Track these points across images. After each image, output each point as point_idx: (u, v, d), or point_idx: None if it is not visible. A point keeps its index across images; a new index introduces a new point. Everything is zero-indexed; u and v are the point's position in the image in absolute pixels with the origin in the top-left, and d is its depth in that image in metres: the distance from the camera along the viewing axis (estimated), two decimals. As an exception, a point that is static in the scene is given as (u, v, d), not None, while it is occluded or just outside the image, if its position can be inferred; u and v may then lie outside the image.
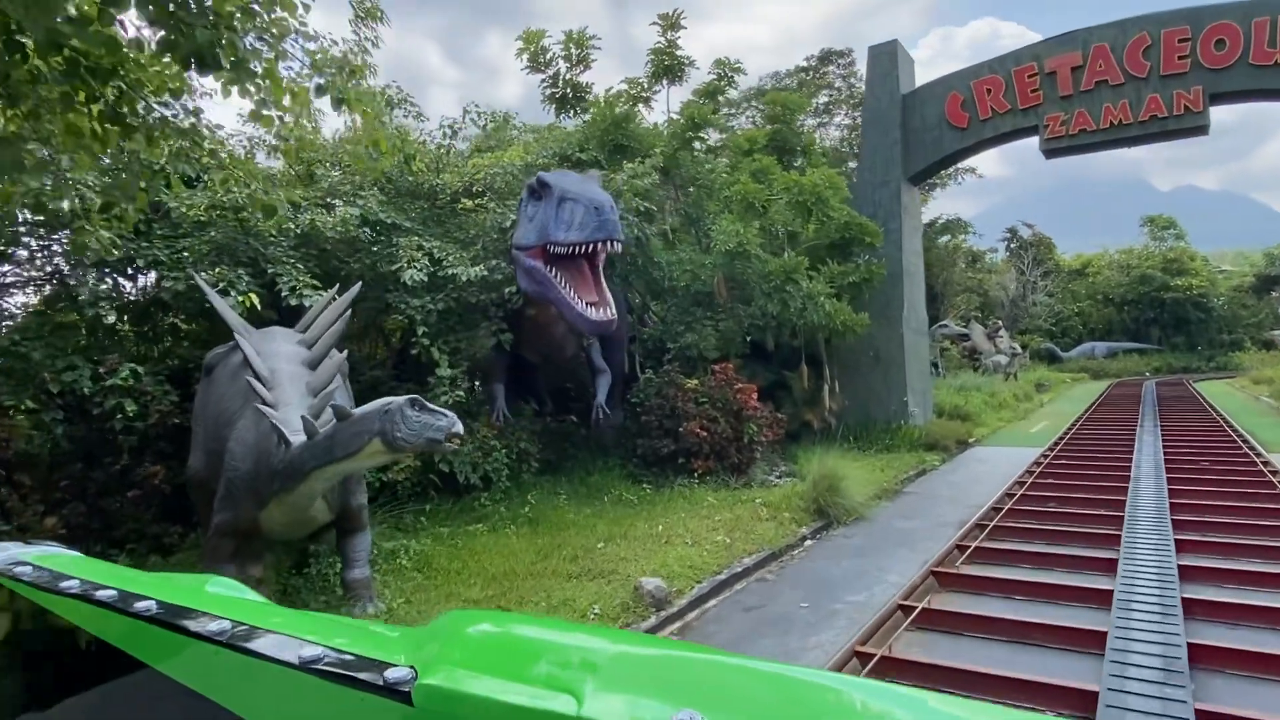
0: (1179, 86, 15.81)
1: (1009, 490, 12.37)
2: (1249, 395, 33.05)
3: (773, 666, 0.90)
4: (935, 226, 36.98)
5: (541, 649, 1.02)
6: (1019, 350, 38.85)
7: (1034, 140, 17.51)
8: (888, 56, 18.84)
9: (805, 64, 36.44)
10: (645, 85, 16.64)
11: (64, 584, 1.31)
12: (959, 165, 36.33)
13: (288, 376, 6.95)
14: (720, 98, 17.92)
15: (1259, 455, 14.76)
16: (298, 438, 5.95)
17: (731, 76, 17.92)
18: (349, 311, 7.75)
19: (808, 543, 10.34)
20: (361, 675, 0.92)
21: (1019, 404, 29.73)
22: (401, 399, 5.69)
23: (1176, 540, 8.75)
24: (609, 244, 9.23)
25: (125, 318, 10.11)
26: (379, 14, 13.53)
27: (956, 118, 18.17)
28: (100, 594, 1.24)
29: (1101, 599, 7.05)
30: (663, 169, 14.85)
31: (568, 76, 15.37)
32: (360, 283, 8.33)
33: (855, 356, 18.93)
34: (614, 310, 9.87)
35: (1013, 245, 59.60)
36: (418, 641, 1.03)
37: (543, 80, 15.70)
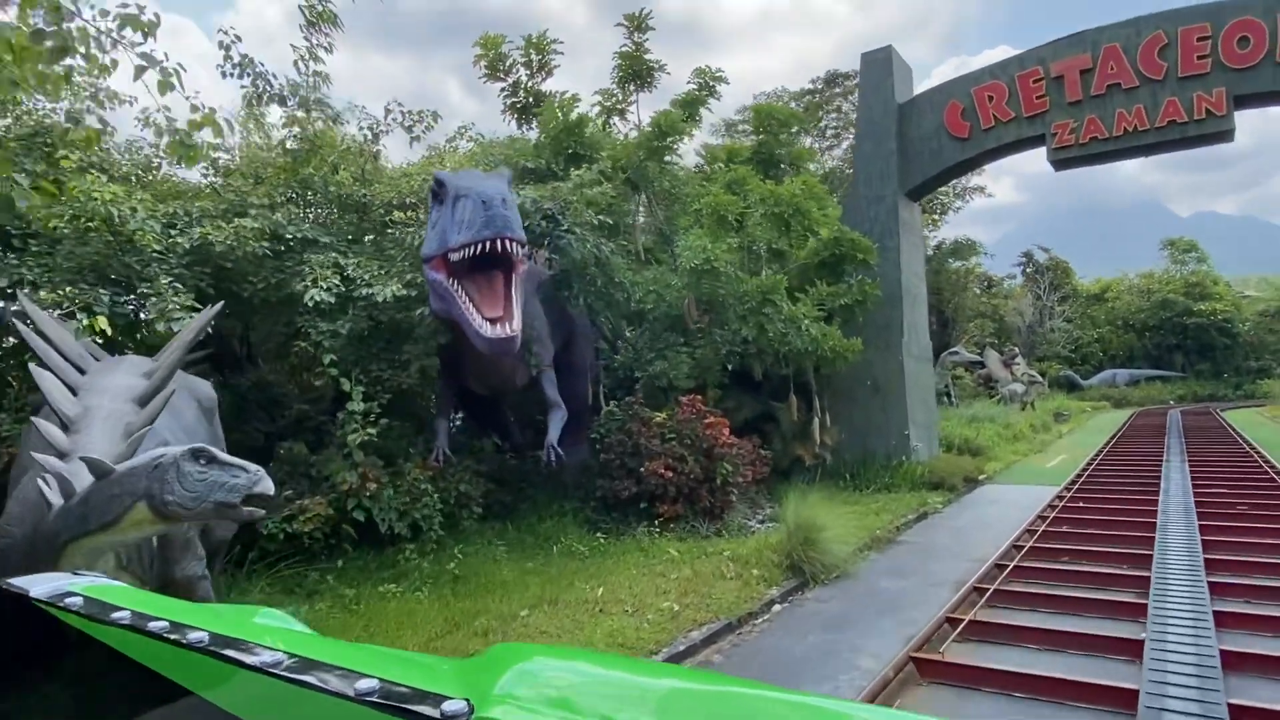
0: (1200, 89, 14.37)
1: (1017, 540, 10.78)
2: (1279, 424, 31.08)
3: (834, 704, 0.99)
4: (944, 249, 35.49)
5: (598, 684, 1.06)
6: (1037, 378, 37.07)
7: (1043, 157, 16.09)
8: (881, 63, 17.56)
9: (811, 86, 35.41)
10: (619, 96, 15.45)
11: (115, 614, 1.32)
12: (966, 183, 34.98)
13: (103, 416, 5.59)
14: (703, 109, 16.68)
15: (1304, 496, 13.07)
16: (57, 500, 4.59)
17: (713, 87, 16.68)
18: (198, 336, 6.42)
19: (775, 608, 8.79)
20: (418, 708, 0.93)
21: (1036, 435, 27.94)
22: (178, 449, 4.31)
23: (1215, 613, 7.14)
24: (501, 244, 7.84)
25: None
26: (332, 16, 12.42)
27: (957, 127, 16.80)
28: (152, 624, 1.26)
29: (1124, 701, 5.48)
30: (630, 181, 13.58)
31: (529, 84, 14.19)
32: (221, 303, 6.99)
33: (852, 386, 17.41)
34: (516, 326, 8.48)
35: (1028, 270, 57.86)
36: (470, 674, 1.10)
37: (503, 89, 14.54)
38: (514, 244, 8.02)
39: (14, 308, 6.94)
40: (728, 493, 12.33)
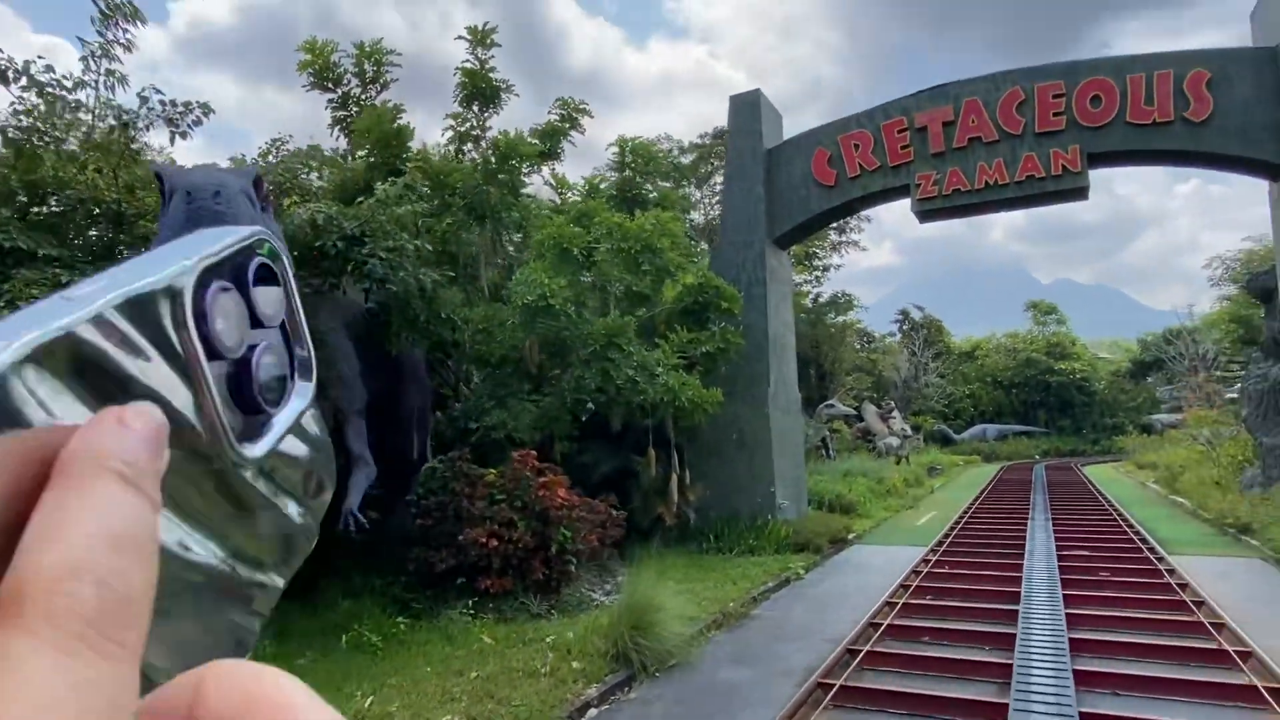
0: (1056, 145, 14.40)
1: (874, 618, 9.70)
2: (1136, 481, 32.34)
3: None
4: (822, 303, 35.74)
5: None
6: (909, 432, 37.47)
7: (925, 226, 15.80)
8: (750, 107, 17.04)
9: (700, 141, 35.26)
10: (474, 122, 14.08)
11: None
12: (843, 237, 35.46)
13: None
14: (565, 140, 15.56)
15: (1160, 559, 12.75)
16: None
17: (576, 119, 15.62)
18: None
19: (590, 714, 7.25)
20: None
21: (909, 490, 27.82)
22: None
23: (1082, 715, 6.12)
24: None
25: None
26: (133, 10, 10.55)
27: (824, 175, 16.35)
28: None
29: None
30: (472, 210, 12.15)
31: (361, 97, 12.65)
32: None
33: (718, 439, 16.33)
34: None
35: (905, 327, 59.85)
36: None
37: (330, 101, 12.92)
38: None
39: None
40: (566, 562, 10.77)
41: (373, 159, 10.50)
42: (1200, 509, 18.83)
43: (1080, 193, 14.68)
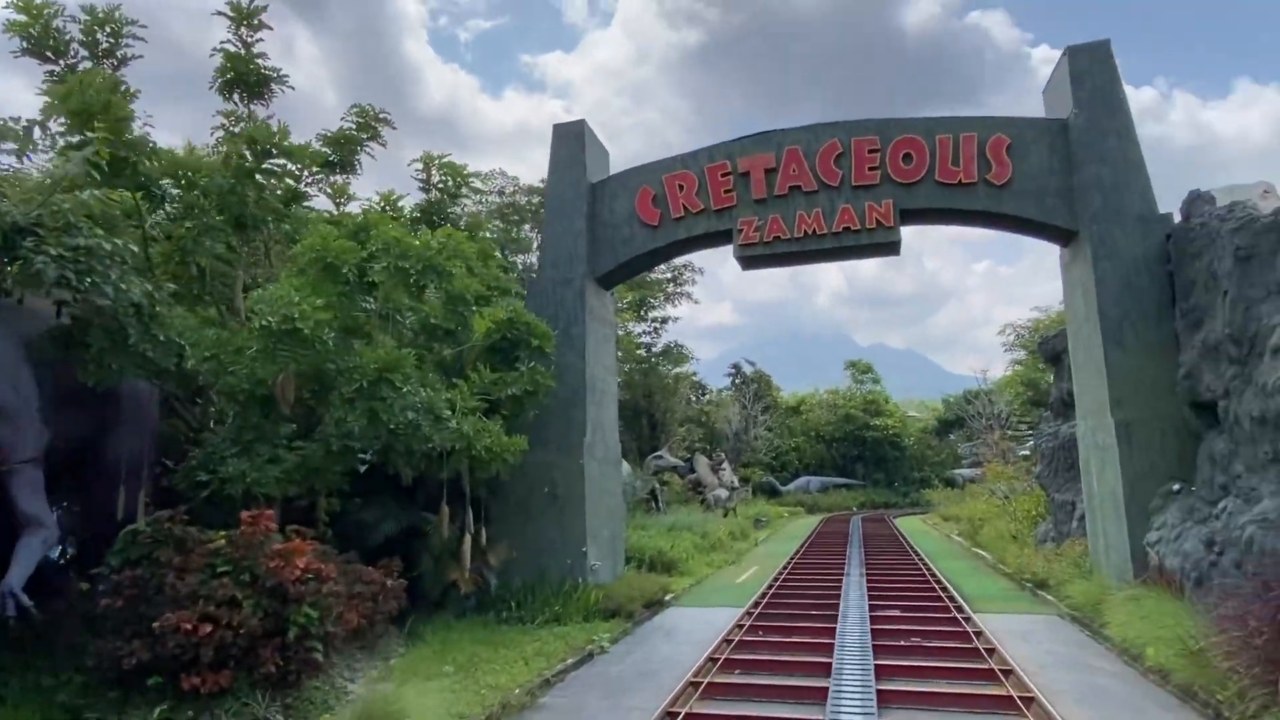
0: (871, 199, 14.43)
1: (674, 704, 8.41)
2: (942, 534, 33.93)
3: None
4: (655, 353, 35.40)
5: None
6: (736, 484, 37.53)
7: (760, 289, 15.33)
8: (574, 138, 16.07)
9: (542, 184, 34.14)
10: (244, 114, 11.94)
11: None
12: (680, 286, 35.47)
13: None
14: (364, 151, 13.76)
15: (967, 619, 12.50)
16: None
17: (376, 129, 13.90)
18: None
19: None
20: None
21: (734, 544, 27.37)
22: None
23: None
24: None
25: None
26: None
27: (648, 214, 15.57)
28: None
29: None
30: (224, 212, 10.06)
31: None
32: None
33: (528, 493, 14.76)
34: None
35: (737, 381, 61.26)
36: None
37: (50, 74, 10.45)
38: None
39: None
40: (309, 649, 8.68)
41: (79, 139, 8.23)
42: (1001, 563, 19.43)
43: (893, 247, 14.76)
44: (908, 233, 14.87)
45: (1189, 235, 11.34)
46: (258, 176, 10.11)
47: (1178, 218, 12.59)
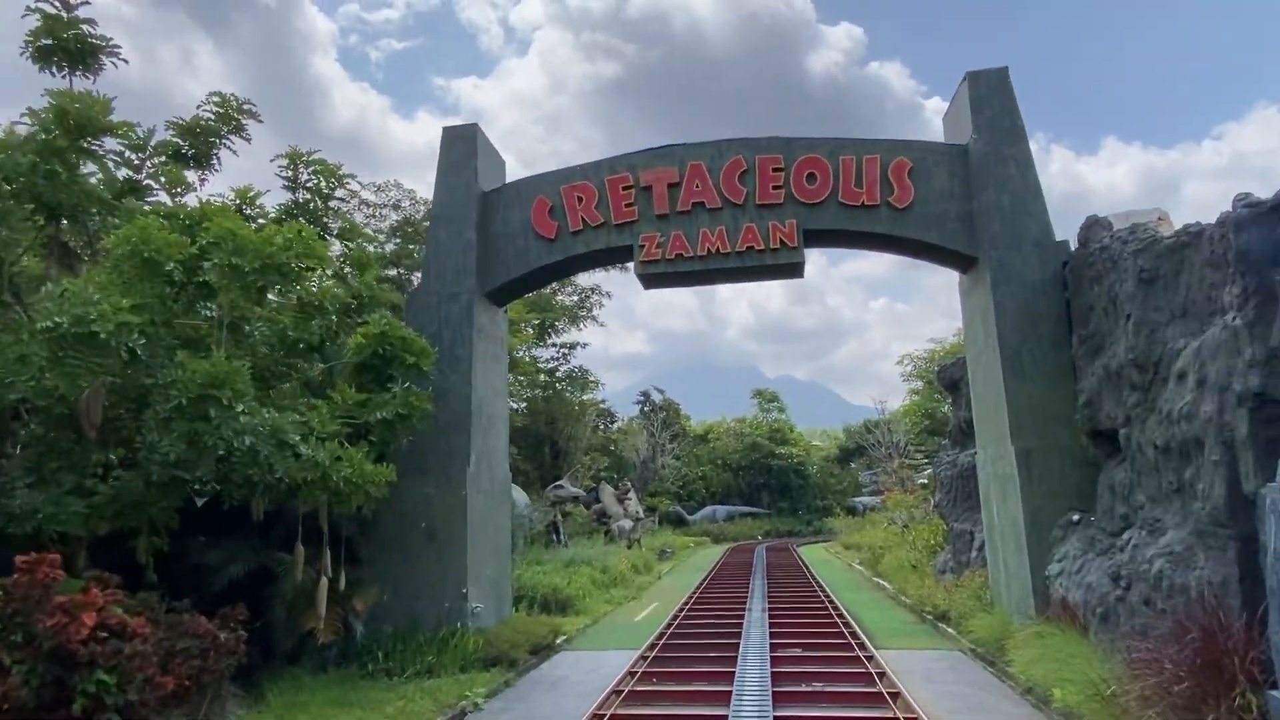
0: (775, 218, 13.94)
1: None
2: (844, 563, 33.90)
3: None
4: (559, 378, 34.24)
5: None
6: (642, 515, 36.61)
7: (671, 318, 14.53)
8: (464, 141, 14.99)
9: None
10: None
11: None
12: (587, 310, 34.52)
13: None
14: (231, 135, 12.26)
15: (870, 657, 11.86)
16: None
17: (237, 120, 12.45)
18: None
19: None
20: None
21: (636, 578, 26.32)
22: None
23: None
24: None
25: None
26: None
27: (544, 226, 14.61)
28: None
29: None
30: (21, 197, 8.46)
31: None
32: None
33: (402, 530, 13.35)
34: None
35: (645, 408, 60.64)
36: None
37: None
38: None
39: None
40: (100, 724, 7.11)
41: None
42: (902, 594, 19.14)
43: (796, 269, 14.30)
44: (811, 269, 14.54)
45: (1087, 260, 11.25)
46: (72, 157, 8.56)
47: (1074, 245, 12.59)
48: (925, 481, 25.47)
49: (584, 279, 34.50)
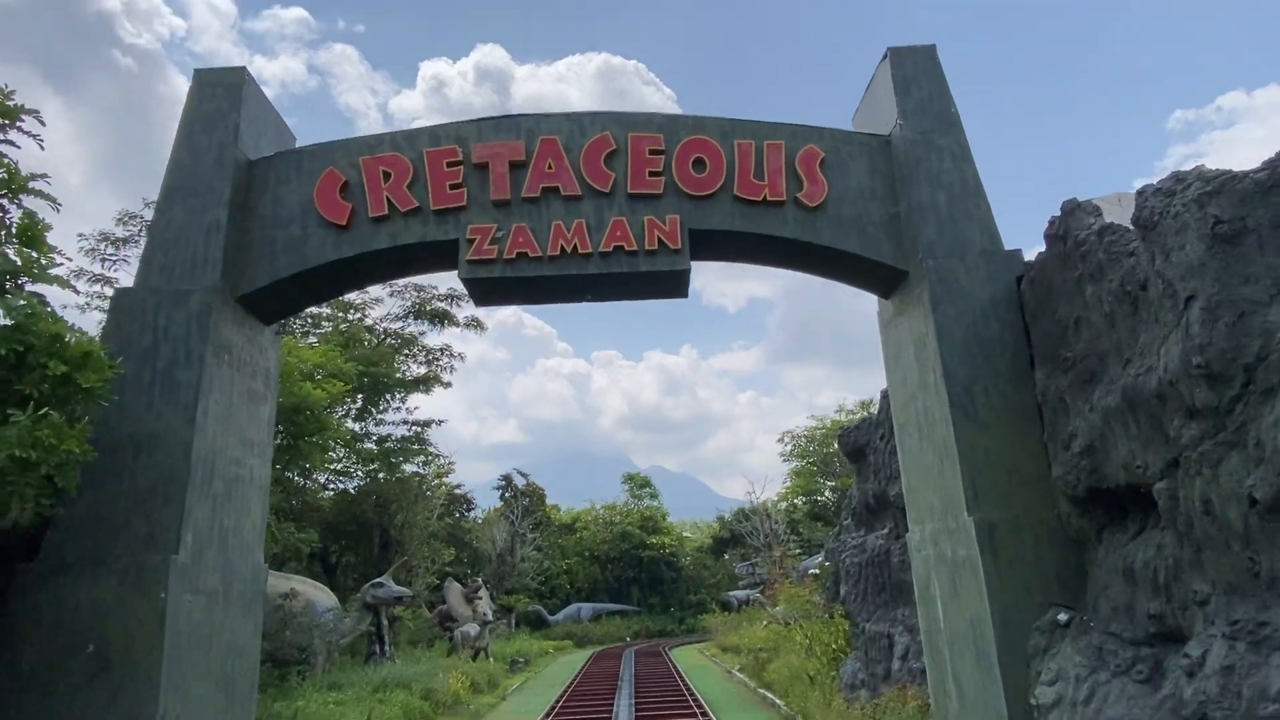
0: (652, 212, 10.46)
1: None
2: (723, 670, 29.69)
3: None
4: (389, 444, 28.89)
5: None
6: (489, 618, 31.20)
7: (546, 405, 10.59)
8: (225, 90, 10.73)
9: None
10: None
11: None
12: (431, 369, 29.70)
13: None
14: None
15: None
16: None
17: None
18: None
19: None
20: None
21: (473, 700, 21.00)
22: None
23: None
24: None
25: None
26: None
27: (333, 209, 10.44)
28: None
29: None
30: None
31: None
32: None
33: (56, 654, 8.23)
34: None
35: (507, 494, 55.24)
36: None
37: None
38: None
39: None
40: None
41: None
42: (804, 718, 15.21)
43: (678, 280, 10.79)
44: (681, 361, 11.73)
45: (1068, 259, 8.31)
46: None
47: (1030, 253, 9.78)
48: (816, 571, 22.09)
49: (432, 340, 29.97)
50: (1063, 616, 8.31)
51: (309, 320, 25.70)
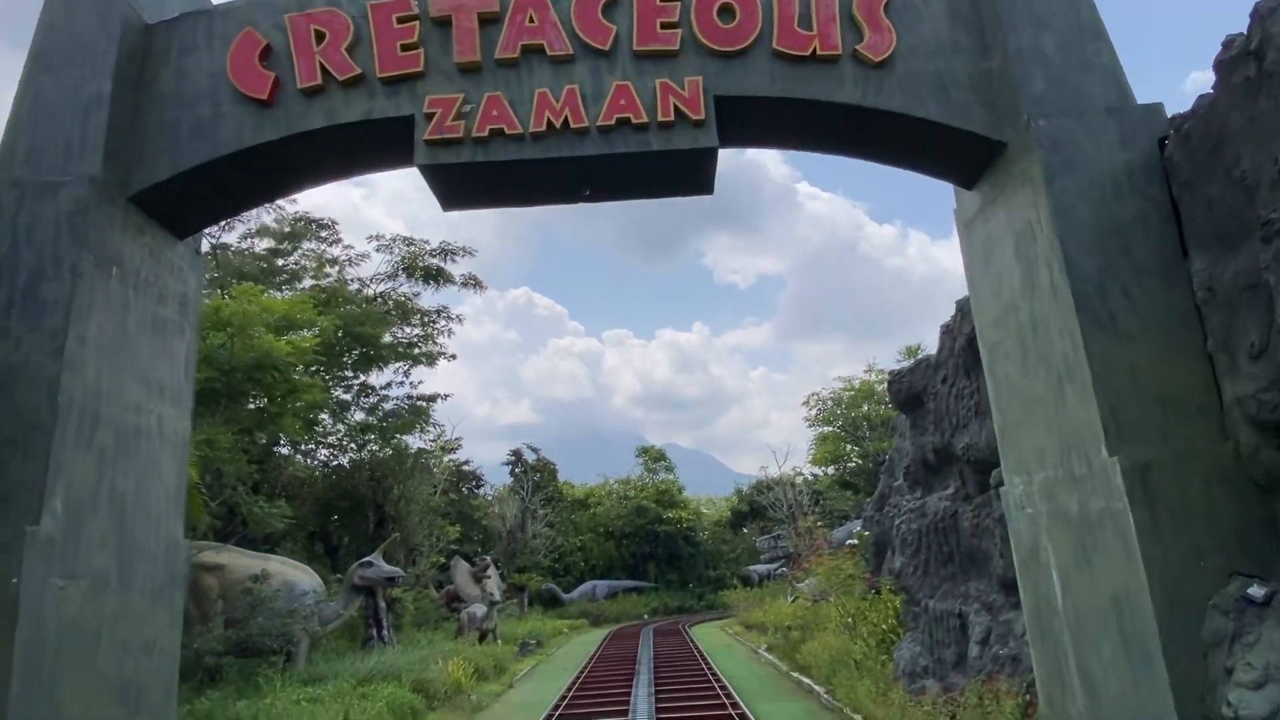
0: (666, 74, 8.03)
1: None
2: (748, 648, 27.55)
3: None
4: (381, 413, 26.61)
5: None
6: (496, 598, 29.16)
7: (558, 387, 8.20)
8: (111, -68, 8.36)
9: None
10: None
11: None
12: (428, 328, 27.33)
13: None
14: None
15: None
16: None
17: None
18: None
19: None
20: None
21: (474, 691, 18.89)
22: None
23: None
24: None
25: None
26: None
27: (251, 80, 8.07)
28: None
29: None
30: None
31: None
32: None
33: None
34: None
35: (517, 469, 53.21)
36: None
37: None
38: None
39: None
40: None
41: None
42: (854, 711, 12.95)
43: (701, 164, 8.36)
44: (693, 339, 9.58)
45: (1263, 88, 5.81)
46: None
47: (1173, 109, 7.28)
48: (855, 542, 19.79)
49: (427, 300, 27.62)
50: (1257, 590, 5.93)
51: (284, 276, 23.42)
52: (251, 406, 15.76)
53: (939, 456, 12.76)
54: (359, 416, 25.84)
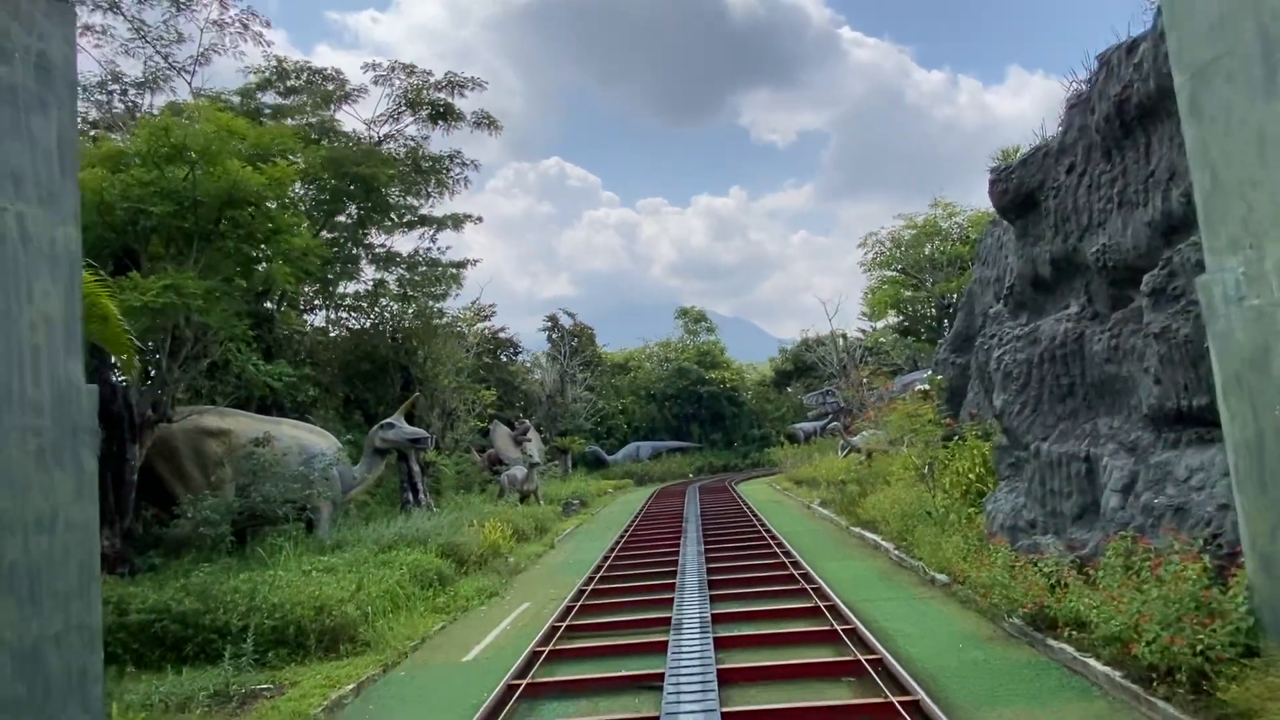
0: None
1: None
2: (799, 503, 26.16)
3: None
4: (398, 267, 24.39)
5: None
6: (536, 460, 28.01)
7: (596, 258, 5.45)
8: None
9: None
10: None
11: None
12: (431, 183, 24.68)
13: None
14: None
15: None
16: None
17: None
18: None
19: None
20: None
21: (516, 549, 17.73)
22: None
23: None
24: None
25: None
26: None
27: None
28: None
29: None
30: None
31: None
32: None
33: None
34: None
35: (554, 335, 51.66)
36: None
37: None
38: None
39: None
40: None
41: None
42: (939, 571, 11.09)
43: None
44: (731, 204, 6.36)
45: None
46: None
47: None
48: (926, 387, 17.53)
49: (437, 143, 24.62)
50: None
51: (267, 114, 20.71)
52: (233, 251, 13.61)
53: (1057, 269, 10.12)
54: (372, 273, 23.78)
